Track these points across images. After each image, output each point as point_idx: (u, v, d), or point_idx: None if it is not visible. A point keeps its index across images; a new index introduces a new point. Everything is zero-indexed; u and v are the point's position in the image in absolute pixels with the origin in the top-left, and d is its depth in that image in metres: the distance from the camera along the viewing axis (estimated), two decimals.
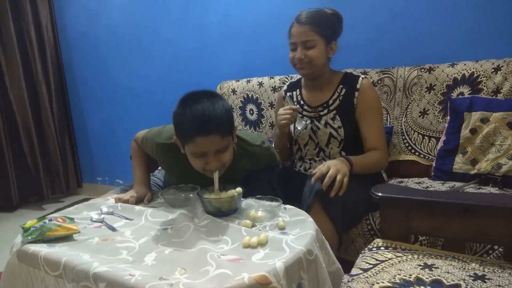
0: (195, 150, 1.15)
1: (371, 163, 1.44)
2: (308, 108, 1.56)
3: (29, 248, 0.97)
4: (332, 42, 1.47)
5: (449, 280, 0.79)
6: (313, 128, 1.54)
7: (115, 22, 2.78)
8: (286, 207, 1.18)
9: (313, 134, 1.54)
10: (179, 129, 1.17)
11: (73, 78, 3.12)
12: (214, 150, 1.14)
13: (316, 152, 1.55)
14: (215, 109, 1.13)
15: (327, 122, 1.51)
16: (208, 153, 1.15)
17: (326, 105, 1.52)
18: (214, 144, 1.13)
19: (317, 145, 1.55)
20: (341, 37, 1.52)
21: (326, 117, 1.51)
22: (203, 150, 1.14)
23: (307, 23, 1.41)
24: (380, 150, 1.46)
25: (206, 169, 1.19)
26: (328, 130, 1.50)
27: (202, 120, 1.10)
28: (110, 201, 1.34)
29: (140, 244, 1.00)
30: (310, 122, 1.54)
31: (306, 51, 1.43)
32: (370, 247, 1.00)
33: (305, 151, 1.58)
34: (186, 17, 2.49)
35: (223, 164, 1.19)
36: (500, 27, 1.68)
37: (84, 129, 3.19)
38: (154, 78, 2.73)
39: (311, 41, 1.42)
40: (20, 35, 2.83)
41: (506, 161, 1.42)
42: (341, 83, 1.51)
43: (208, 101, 1.14)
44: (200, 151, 1.14)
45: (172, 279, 0.79)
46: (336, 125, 1.49)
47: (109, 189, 3.06)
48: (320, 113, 1.53)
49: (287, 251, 0.89)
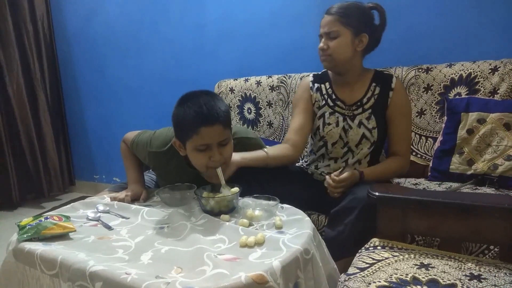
0: (199, 143, 1.15)
1: (388, 173, 1.40)
2: (341, 105, 1.46)
3: (25, 247, 0.97)
4: (362, 34, 1.38)
5: (445, 280, 0.80)
6: (344, 127, 1.44)
7: (113, 19, 2.77)
8: (283, 206, 1.18)
9: (343, 133, 1.44)
10: (181, 126, 1.18)
11: (70, 75, 3.10)
12: (217, 142, 1.16)
13: (344, 152, 1.46)
14: (215, 102, 1.17)
15: (361, 122, 1.42)
16: (211, 146, 1.16)
17: (360, 103, 1.43)
18: (218, 135, 1.15)
19: (345, 144, 1.45)
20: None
21: (360, 117, 1.42)
22: (207, 142, 1.15)
23: (334, 13, 1.37)
24: (402, 156, 1.41)
25: (209, 166, 1.19)
26: (362, 130, 1.41)
27: (205, 111, 1.13)
28: (106, 200, 1.33)
29: (136, 243, 0.99)
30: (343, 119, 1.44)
31: (329, 41, 1.37)
32: (367, 247, 1.00)
33: (332, 149, 1.48)
34: (184, 15, 2.49)
35: (225, 158, 1.20)
36: (497, 28, 1.69)
37: (81, 126, 3.18)
38: (152, 76, 2.72)
39: (334, 32, 1.36)
40: (18, 31, 2.81)
41: (502, 161, 1.42)
42: (373, 81, 1.44)
43: (207, 96, 1.19)
44: (205, 143, 1.15)
45: (169, 278, 0.79)
46: (370, 126, 1.41)
47: (106, 187, 3.05)
48: (355, 112, 1.44)
49: (284, 250, 0.89)
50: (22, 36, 2.83)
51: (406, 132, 1.43)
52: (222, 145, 1.18)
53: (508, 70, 1.53)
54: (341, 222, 1.21)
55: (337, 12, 1.37)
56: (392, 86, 1.41)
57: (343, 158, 1.47)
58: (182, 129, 1.18)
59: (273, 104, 2.09)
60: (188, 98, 1.19)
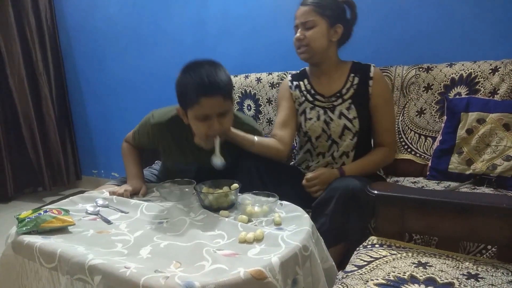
0: (199, 112, 1.19)
1: (371, 166, 1.43)
2: (321, 98, 1.49)
3: (24, 239, 0.97)
4: (336, 25, 1.42)
5: (442, 279, 0.80)
6: (326, 120, 1.47)
7: (114, 15, 2.75)
8: (282, 203, 1.18)
9: (325, 126, 1.47)
10: (183, 95, 1.23)
11: (72, 69, 3.09)
12: (217, 113, 1.20)
13: (329, 145, 1.49)
14: (217, 72, 1.20)
15: (341, 113, 1.44)
16: (211, 116, 1.20)
17: (340, 94, 1.46)
18: (217, 105, 1.19)
19: (329, 137, 1.48)
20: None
21: (340, 107, 1.45)
22: (207, 112, 1.19)
23: (310, 4, 1.40)
24: (387, 146, 1.44)
25: (208, 135, 1.23)
26: (343, 121, 1.44)
27: (206, 82, 1.16)
28: (105, 194, 1.33)
29: (136, 237, 1.00)
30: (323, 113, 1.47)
31: (305, 31, 1.41)
32: (365, 244, 1.00)
33: (317, 144, 1.51)
34: (185, 11, 2.48)
35: (224, 129, 1.24)
36: (498, 29, 1.69)
37: (81, 121, 3.18)
38: (152, 72, 2.71)
39: (311, 21, 1.39)
40: (20, 23, 2.79)
41: (501, 162, 1.43)
42: (352, 71, 1.47)
43: (210, 66, 1.22)
44: (204, 113, 1.19)
45: (168, 272, 0.79)
46: (351, 116, 1.43)
47: (105, 182, 3.05)
48: (334, 103, 1.46)
49: (283, 247, 0.89)
50: (24, 28, 2.80)
51: (389, 122, 1.46)
52: (222, 115, 1.22)
53: (509, 70, 1.53)
54: (322, 214, 1.24)
55: (313, 3, 1.40)
56: (371, 75, 1.44)
57: (329, 151, 1.50)
58: (184, 97, 1.23)
59: (273, 101, 2.08)
60: (192, 67, 1.22)
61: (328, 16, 1.40)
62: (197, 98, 1.16)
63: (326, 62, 1.47)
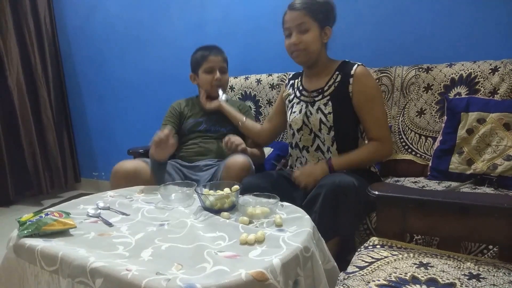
0: (207, 66, 1.79)
1: (362, 159, 1.44)
2: (305, 93, 1.55)
3: (25, 242, 0.97)
4: (326, 27, 1.45)
5: (444, 279, 0.80)
6: (306, 113, 1.51)
7: (113, 17, 2.76)
8: (283, 204, 1.18)
9: (306, 119, 1.52)
10: (196, 60, 1.83)
11: (71, 71, 3.10)
12: (219, 67, 1.81)
13: (312, 138, 1.52)
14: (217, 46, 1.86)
15: (319, 108, 1.48)
16: (215, 69, 1.80)
17: (321, 90, 1.50)
18: (220, 61, 1.82)
19: (311, 130, 1.52)
20: (340, 37, 1.53)
21: (319, 103, 1.49)
22: (213, 65, 1.80)
23: (300, 8, 1.42)
24: (379, 140, 1.44)
25: (213, 85, 1.81)
26: (319, 116, 1.47)
27: (212, 47, 1.84)
28: (108, 194, 1.33)
29: (137, 240, 1.00)
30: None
31: (301, 35, 1.42)
32: (366, 245, 1.00)
33: (299, 136, 1.55)
34: (184, 13, 2.48)
35: (224, 81, 1.85)
36: (498, 29, 1.69)
37: (81, 123, 3.18)
38: (152, 74, 2.72)
39: (305, 24, 1.41)
40: (19, 26, 2.79)
41: (501, 161, 1.43)
42: (337, 70, 1.50)
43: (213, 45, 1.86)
44: (211, 66, 1.79)
45: (169, 275, 0.79)
46: (326, 111, 1.46)
47: (105, 184, 3.05)
48: (315, 98, 1.50)
49: (284, 248, 0.89)
50: (23, 31, 2.80)
51: (377, 117, 1.44)
52: (222, 72, 1.82)
53: (508, 70, 1.53)
54: (311, 211, 1.24)
55: (304, 7, 1.42)
56: (352, 73, 1.44)
57: (313, 145, 1.53)
58: (197, 61, 1.82)
59: (273, 102, 2.09)
60: (201, 46, 1.86)
61: (319, 19, 1.43)
62: (206, 56, 1.79)
63: (319, 63, 1.51)
